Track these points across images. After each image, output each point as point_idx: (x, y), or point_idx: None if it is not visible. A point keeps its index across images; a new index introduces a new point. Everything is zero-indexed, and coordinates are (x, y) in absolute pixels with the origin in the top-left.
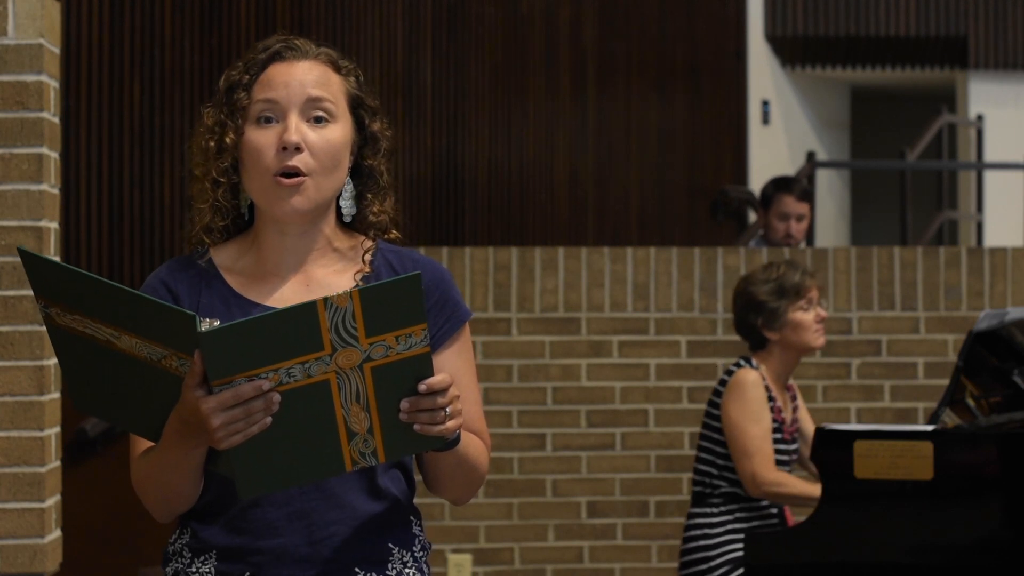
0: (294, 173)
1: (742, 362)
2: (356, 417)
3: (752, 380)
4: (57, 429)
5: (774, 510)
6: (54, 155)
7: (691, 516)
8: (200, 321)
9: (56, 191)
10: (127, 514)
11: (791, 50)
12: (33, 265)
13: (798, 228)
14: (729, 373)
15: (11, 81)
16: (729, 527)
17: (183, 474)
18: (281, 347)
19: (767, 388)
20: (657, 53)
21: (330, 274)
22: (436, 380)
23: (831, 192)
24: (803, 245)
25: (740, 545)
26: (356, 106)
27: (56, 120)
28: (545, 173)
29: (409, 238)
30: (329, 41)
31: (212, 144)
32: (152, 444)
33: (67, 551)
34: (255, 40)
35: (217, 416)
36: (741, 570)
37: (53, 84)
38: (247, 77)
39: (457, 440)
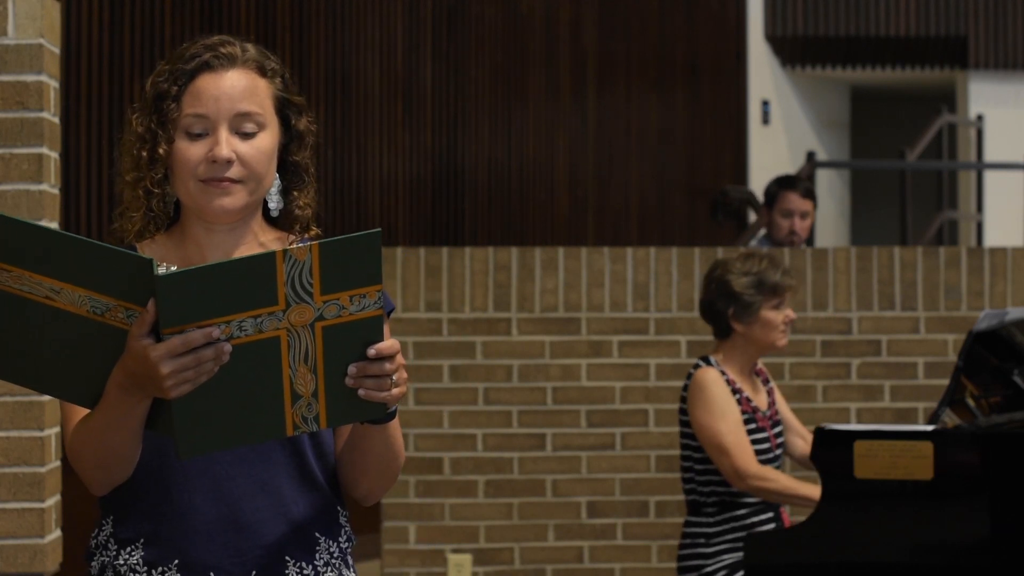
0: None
1: (700, 363)
2: (303, 379)
3: (711, 378)
4: (57, 429)
5: (770, 513)
6: (54, 155)
7: (688, 524)
8: (157, 266)
9: (56, 191)
10: None
11: (791, 50)
12: None
13: (802, 225)
14: (689, 377)
15: (11, 81)
16: (727, 537)
17: (125, 434)
18: (235, 299)
19: (729, 382)
20: (657, 53)
21: None
22: (385, 345)
23: (831, 192)
24: (803, 245)
25: (736, 553)
26: (282, 107)
27: (56, 120)
28: (545, 173)
29: (409, 238)
30: (329, 41)
31: (144, 154)
32: (87, 412)
33: (67, 551)
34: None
35: (166, 363)
36: (740, 573)
37: (53, 84)
38: (175, 88)
39: (395, 413)
